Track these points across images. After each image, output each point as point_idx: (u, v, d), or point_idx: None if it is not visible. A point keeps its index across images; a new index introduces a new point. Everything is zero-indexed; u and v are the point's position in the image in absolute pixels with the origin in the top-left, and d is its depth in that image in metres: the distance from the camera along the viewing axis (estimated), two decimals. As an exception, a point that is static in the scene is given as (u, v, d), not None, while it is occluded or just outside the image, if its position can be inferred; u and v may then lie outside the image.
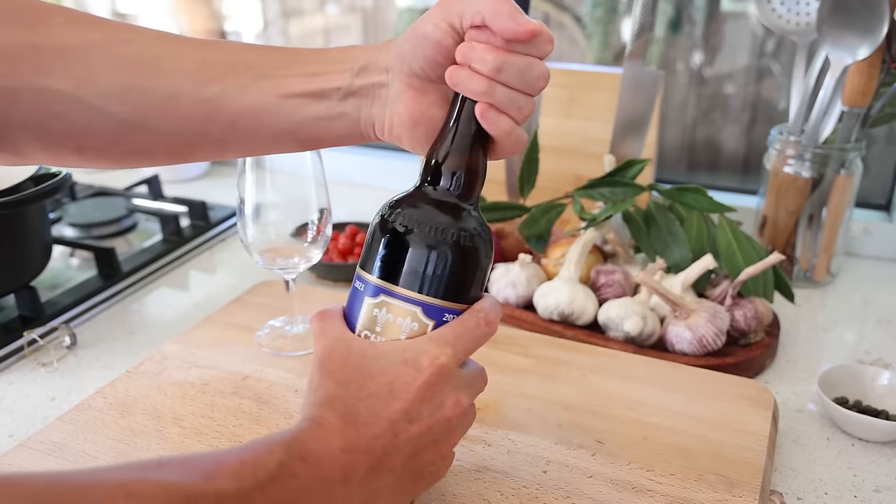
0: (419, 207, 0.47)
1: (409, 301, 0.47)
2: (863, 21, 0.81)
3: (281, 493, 0.39)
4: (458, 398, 0.46)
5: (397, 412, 0.44)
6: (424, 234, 0.46)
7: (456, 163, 0.47)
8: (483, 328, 0.47)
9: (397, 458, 0.44)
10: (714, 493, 0.55)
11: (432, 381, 0.45)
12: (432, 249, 0.46)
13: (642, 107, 0.92)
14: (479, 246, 0.48)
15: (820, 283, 0.97)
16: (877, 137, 1.10)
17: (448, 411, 0.45)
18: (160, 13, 1.57)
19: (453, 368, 0.46)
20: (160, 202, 1.15)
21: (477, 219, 0.48)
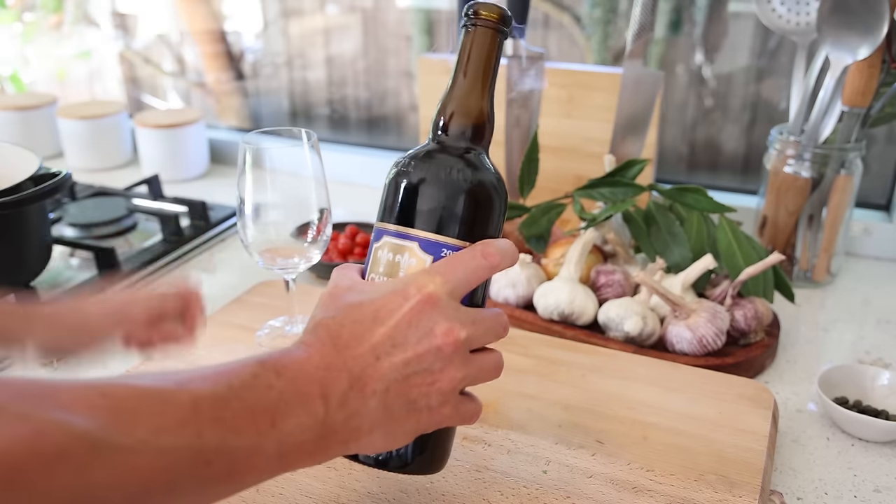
0: (422, 153, 0.49)
1: (405, 237, 0.47)
2: (863, 21, 0.81)
3: (258, 400, 0.40)
4: (451, 327, 0.44)
5: (380, 336, 0.44)
6: (418, 170, 0.48)
7: (460, 111, 0.49)
8: (479, 260, 0.46)
9: (380, 381, 0.43)
10: (714, 493, 0.55)
11: (419, 309, 0.44)
12: (423, 182, 0.47)
13: (642, 107, 0.92)
14: (475, 182, 0.48)
15: (820, 283, 0.97)
16: (877, 137, 1.10)
17: (438, 340, 0.44)
18: (160, 13, 1.57)
19: (443, 297, 0.45)
20: (160, 202, 1.15)
21: (479, 161, 0.49)
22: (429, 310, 0.44)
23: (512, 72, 0.96)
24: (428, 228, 0.47)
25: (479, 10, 0.49)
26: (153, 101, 1.64)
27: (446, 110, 0.50)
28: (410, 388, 0.44)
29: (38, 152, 0.87)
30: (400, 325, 0.44)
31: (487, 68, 0.50)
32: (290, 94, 1.50)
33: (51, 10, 1.65)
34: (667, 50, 1.19)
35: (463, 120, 0.49)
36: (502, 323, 0.48)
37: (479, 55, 0.49)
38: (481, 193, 0.48)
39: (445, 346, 0.44)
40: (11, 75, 1.69)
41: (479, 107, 0.50)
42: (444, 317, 0.44)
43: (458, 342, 0.45)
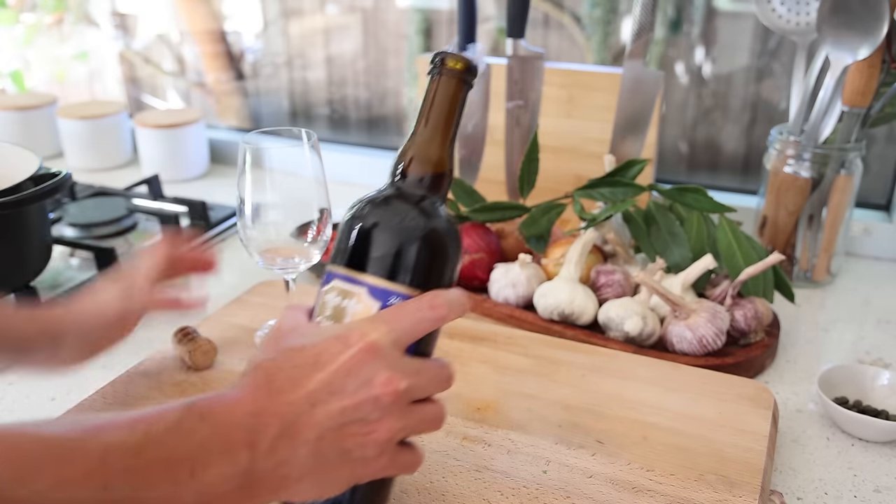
0: (378, 198, 0.49)
1: (354, 282, 0.46)
2: (863, 21, 0.81)
3: (177, 448, 0.39)
4: (391, 377, 0.43)
5: (317, 382, 0.42)
6: (371, 215, 0.47)
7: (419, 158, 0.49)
8: (426, 311, 0.45)
9: (313, 430, 0.42)
10: (714, 493, 0.55)
11: (359, 357, 0.43)
12: (375, 227, 0.47)
13: (642, 107, 0.92)
14: (428, 230, 0.47)
15: (820, 283, 0.97)
16: (877, 137, 1.10)
17: (377, 389, 0.42)
18: (160, 13, 1.57)
19: (386, 346, 0.43)
20: (160, 202, 1.15)
21: (434, 209, 0.48)
22: (370, 358, 0.43)
23: (512, 73, 0.96)
24: (377, 274, 0.46)
25: (445, 59, 0.49)
26: (153, 101, 1.64)
27: (405, 156, 0.49)
28: (345, 438, 0.43)
29: (38, 152, 0.87)
30: (339, 373, 0.42)
31: (450, 118, 0.49)
32: (290, 94, 1.50)
33: (51, 10, 1.65)
34: (667, 50, 1.19)
35: (421, 168, 0.49)
36: (447, 375, 0.47)
37: (442, 104, 0.49)
38: (434, 242, 0.47)
39: (384, 395, 0.43)
40: (13, 73, 1.69)
41: (439, 156, 0.49)
42: (385, 366, 0.43)
43: (398, 392, 0.43)
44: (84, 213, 1.11)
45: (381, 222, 0.47)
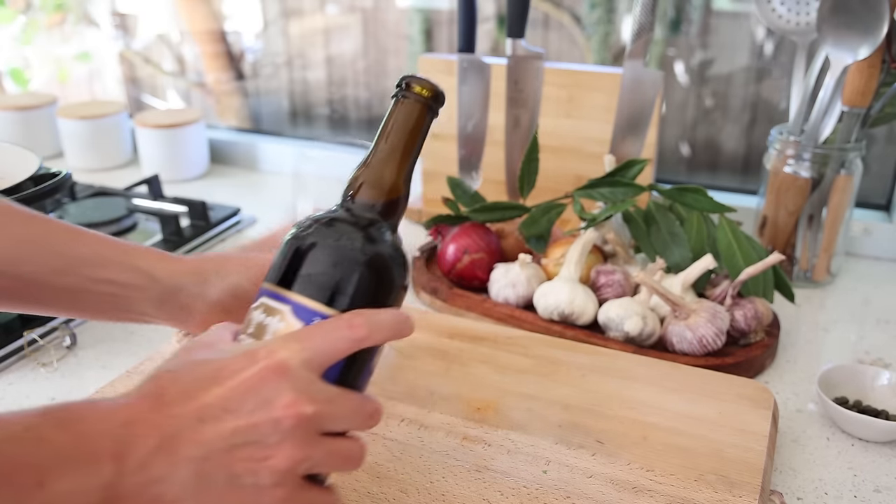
0: (324, 218, 0.46)
1: (281, 299, 0.44)
2: (863, 21, 0.81)
3: (22, 456, 0.35)
4: (296, 400, 0.39)
5: (212, 397, 0.39)
6: (311, 233, 0.45)
7: (371, 182, 0.47)
8: (343, 330, 0.41)
9: (198, 447, 0.38)
10: (714, 493, 0.55)
11: (263, 374, 0.39)
12: (311, 246, 0.44)
13: (642, 107, 0.92)
14: (367, 255, 0.44)
15: (820, 283, 0.97)
16: (877, 137, 1.10)
17: (278, 411, 0.39)
18: (160, 13, 1.57)
19: (295, 366, 0.40)
20: (160, 202, 1.15)
21: (379, 234, 0.46)
22: (275, 377, 0.39)
23: (512, 73, 0.96)
24: (304, 293, 0.43)
25: (411, 82, 0.48)
26: (153, 101, 1.64)
27: (357, 179, 0.47)
28: (236, 461, 0.38)
29: (38, 152, 0.87)
30: (238, 389, 0.39)
31: (409, 144, 0.48)
32: (290, 94, 1.50)
33: (51, 10, 1.65)
34: (667, 50, 1.19)
35: (372, 193, 0.47)
36: (369, 410, 0.42)
37: (404, 129, 0.48)
38: (368, 267, 0.44)
39: (285, 419, 0.39)
40: (12, 70, 1.69)
41: (392, 182, 0.47)
42: (291, 387, 0.39)
43: (302, 417, 0.39)
44: (84, 213, 1.11)
45: (317, 241, 0.44)
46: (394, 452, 0.59)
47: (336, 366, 0.42)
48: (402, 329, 0.44)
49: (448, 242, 0.89)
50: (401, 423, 0.63)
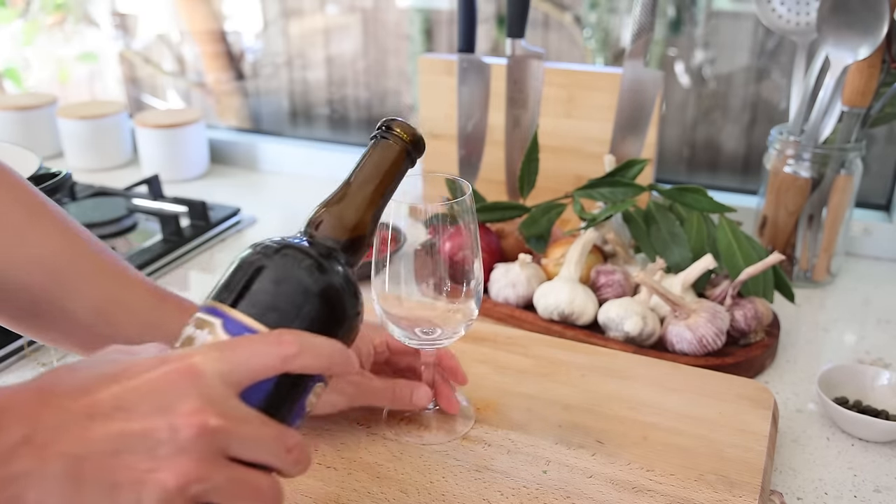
0: (281, 240, 0.44)
1: (215, 313, 0.41)
2: (863, 21, 0.81)
3: None
4: (201, 408, 0.35)
5: (108, 394, 0.34)
6: (262, 253, 0.43)
7: (336, 216, 0.46)
8: (270, 345, 0.37)
9: (77, 445, 0.33)
10: (714, 493, 0.55)
11: (171, 377, 0.35)
12: (254, 261, 0.42)
13: (642, 107, 0.92)
14: (315, 282, 0.42)
15: (820, 283, 0.97)
16: (877, 137, 1.10)
17: (178, 418, 0.34)
18: (160, 13, 1.57)
19: (209, 374, 0.36)
20: (160, 202, 1.15)
21: (331, 266, 0.43)
22: (183, 381, 0.35)
23: (512, 73, 0.96)
24: (239, 308, 0.41)
25: (392, 125, 0.47)
26: (153, 101, 1.64)
27: (322, 212, 0.46)
28: (118, 469, 0.33)
29: (38, 152, 0.87)
30: (138, 389, 0.35)
31: (381, 186, 0.47)
32: (290, 94, 1.50)
33: (51, 10, 1.65)
34: (667, 50, 1.19)
35: (336, 228, 0.46)
36: (287, 444, 0.37)
37: (378, 170, 0.47)
38: (316, 294, 0.42)
39: (185, 427, 0.34)
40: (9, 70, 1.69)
41: (357, 221, 0.46)
42: (198, 394, 0.35)
43: (205, 429, 0.34)
44: (84, 213, 1.11)
45: (265, 261, 0.42)
46: (394, 452, 0.59)
47: (259, 388, 0.38)
48: (340, 362, 0.39)
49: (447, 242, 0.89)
50: (400, 423, 0.63)
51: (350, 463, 0.58)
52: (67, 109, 1.39)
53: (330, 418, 0.63)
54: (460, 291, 0.57)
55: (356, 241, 0.46)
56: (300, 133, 1.51)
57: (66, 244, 0.52)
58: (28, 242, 0.51)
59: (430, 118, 1.15)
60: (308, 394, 0.41)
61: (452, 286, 0.57)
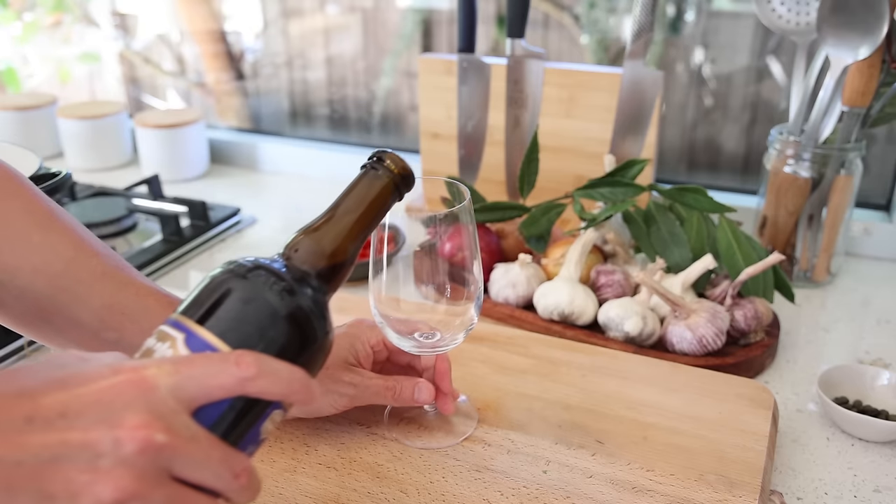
0: (256, 259, 0.43)
1: (178, 327, 0.40)
2: (863, 21, 0.81)
3: None
4: (148, 422, 0.33)
5: (53, 400, 0.33)
6: (230, 269, 0.42)
7: (314, 242, 0.45)
8: (228, 365, 0.36)
9: (15, 450, 0.32)
10: (714, 493, 0.55)
11: (120, 388, 0.34)
12: (225, 280, 0.41)
13: (642, 107, 0.92)
14: (279, 296, 0.41)
15: (820, 283, 0.97)
16: (877, 137, 1.10)
17: (122, 431, 0.33)
18: (160, 13, 1.57)
19: (161, 388, 0.34)
20: (160, 202, 1.15)
21: (301, 291, 0.42)
22: (133, 393, 0.34)
23: (512, 73, 0.96)
24: (204, 324, 0.39)
25: (383, 156, 0.46)
26: (153, 101, 1.64)
27: (303, 237, 0.45)
28: (54, 478, 0.32)
29: (38, 152, 0.87)
30: (85, 397, 0.33)
31: (365, 217, 0.46)
32: (290, 94, 1.50)
33: (51, 9, 1.65)
34: (667, 50, 1.19)
35: (315, 254, 0.44)
36: (235, 468, 0.36)
37: (363, 201, 0.46)
38: (283, 317, 0.40)
39: (129, 440, 0.32)
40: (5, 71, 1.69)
41: (334, 249, 0.45)
42: (146, 407, 0.34)
43: (149, 444, 0.33)
44: (84, 213, 1.11)
45: (237, 279, 0.41)
46: (394, 452, 0.59)
47: (213, 409, 0.37)
48: (299, 390, 0.38)
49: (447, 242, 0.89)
50: (400, 423, 0.63)
51: (350, 463, 0.58)
52: (67, 109, 1.39)
53: (330, 418, 0.63)
54: (461, 294, 0.57)
55: (333, 269, 0.45)
56: (300, 133, 1.51)
57: (72, 252, 0.52)
58: (34, 250, 0.51)
59: (430, 118, 1.15)
60: (264, 420, 0.39)
61: (452, 288, 0.57)
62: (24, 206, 0.52)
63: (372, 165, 0.47)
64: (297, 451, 0.60)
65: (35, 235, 0.51)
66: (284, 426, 0.62)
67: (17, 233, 0.51)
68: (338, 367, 0.59)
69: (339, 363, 0.59)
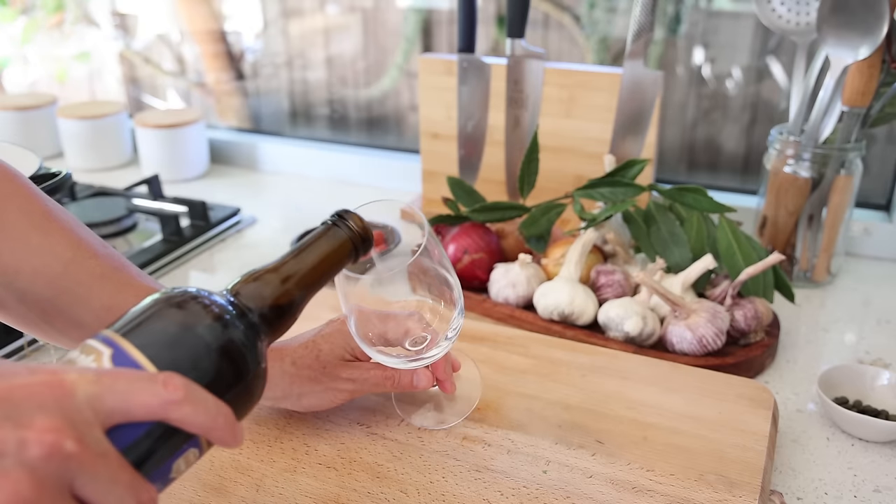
0: (205, 291, 0.43)
1: (107, 341, 0.38)
2: (863, 21, 0.81)
3: None
4: (59, 427, 0.31)
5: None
6: (172, 294, 0.41)
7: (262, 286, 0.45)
8: (157, 385, 0.34)
9: None
10: (714, 493, 0.55)
11: (35, 389, 0.32)
12: (165, 300, 0.40)
13: (642, 107, 0.92)
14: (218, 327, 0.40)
15: (820, 283, 0.97)
16: (877, 137, 1.10)
17: (30, 432, 0.30)
18: (160, 13, 1.57)
19: (80, 396, 0.33)
20: (160, 202, 1.15)
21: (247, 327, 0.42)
22: (48, 395, 0.32)
23: (512, 73, 0.96)
24: (134, 343, 0.38)
25: (347, 216, 0.47)
26: (153, 101, 1.64)
27: (250, 276, 0.44)
28: None
29: (38, 152, 0.87)
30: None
31: (317, 271, 0.45)
32: (290, 94, 1.50)
33: (51, 9, 1.65)
34: (667, 50, 1.19)
35: (260, 297, 0.44)
36: (139, 499, 0.33)
37: (318, 255, 0.46)
38: (217, 349, 0.39)
39: (34, 443, 0.30)
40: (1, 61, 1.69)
41: (280, 295, 0.44)
42: (60, 413, 0.31)
43: (56, 451, 0.31)
44: (84, 213, 1.11)
45: (175, 303, 0.40)
46: (394, 452, 0.59)
47: (129, 431, 0.35)
48: (223, 426, 0.36)
49: (448, 242, 0.90)
50: (400, 423, 0.63)
51: (350, 463, 0.58)
52: (67, 109, 1.39)
53: (330, 418, 0.63)
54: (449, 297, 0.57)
55: (277, 314, 0.44)
56: (300, 133, 1.51)
57: (70, 253, 0.52)
58: (34, 252, 0.51)
59: (430, 118, 1.15)
60: (178, 456, 0.37)
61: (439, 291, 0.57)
62: (23, 206, 0.52)
63: (334, 222, 0.47)
64: (297, 451, 0.60)
65: (34, 237, 0.51)
66: (284, 426, 0.62)
67: (16, 235, 0.51)
68: (335, 364, 0.60)
69: (336, 361, 0.60)
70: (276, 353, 0.59)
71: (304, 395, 0.60)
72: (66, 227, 0.53)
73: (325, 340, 0.60)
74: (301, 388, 0.59)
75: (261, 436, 0.61)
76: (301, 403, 0.61)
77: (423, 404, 0.65)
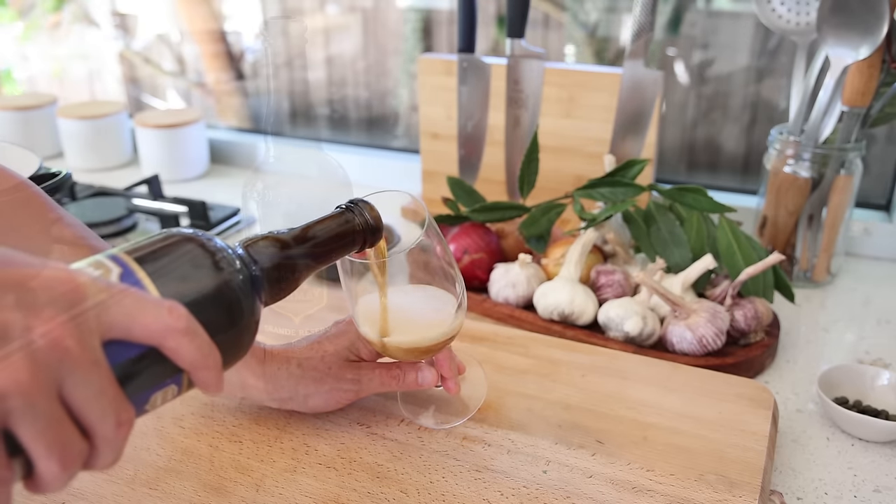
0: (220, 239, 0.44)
1: (117, 260, 0.38)
2: (863, 21, 0.81)
3: None
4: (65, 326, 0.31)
5: None
6: (190, 231, 0.43)
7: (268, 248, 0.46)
8: (162, 310, 0.35)
9: None
10: (714, 493, 0.55)
11: (49, 282, 0.32)
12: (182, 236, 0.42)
13: (642, 107, 0.92)
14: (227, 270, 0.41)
15: (820, 283, 0.97)
16: (877, 137, 1.10)
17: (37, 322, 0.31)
18: (160, 13, 1.57)
19: (88, 302, 0.33)
20: (160, 202, 1.15)
21: (250, 278, 0.43)
22: (59, 290, 0.32)
23: (512, 73, 0.96)
24: (143, 266, 0.38)
25: (361, 203, 0.49)
26: (153, 101, 1.64)
27: (264, 236, 0.46)
28: None
29: (38, 152, 0.87)
30: (9, 276, 0.31)
31: (325, 247, 0.48)
32: (290, 94, 1.50)
33: (50, 9, 1.65)
34: (667, 50, 1.19)
35: (267, 253, 0.45)
36: (119, 418, 0.33)
37: (328, 234, 0.48)
38: (222, 289, 0.41)
39: (40, 333, 0.31)
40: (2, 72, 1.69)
41: (287, 255, 0.46)
42: (69, 311, 0.32)
43: (59, 345, 0.31)
44: (84, 213, 1.11)
45: (190, 238, 0.41)
46: (394, 452, 0.59)
47: (122, 350, 0.35)
48: (211, 367, 0.36)
49: (448, 242, 0.90)
50: (401, 423, 0.63)
51: (350, 463, 0.58)
52: (67, 109, 1.39)
53: (330, 418, 0.63)
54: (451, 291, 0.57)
55: (279, 276, 0.46)
56: (300, 133, 1.51)
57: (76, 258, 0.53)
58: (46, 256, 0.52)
59: (430, 118, 1.15)
60: (159, 388, 0.38)
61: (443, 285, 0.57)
62: (31, 213, 0.53)
63: (350, 210, 0.49)
64: (297, 451, 0.60)
65: (45, 245, 0.52)
66: (284, 426, 0.62)
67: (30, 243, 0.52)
68: (340, 365, 0.60)
69: (341, 362, 0.60)
70: (283, 356, 0.60)
71: (309, 396, 0.60)
72: (76, 234, 0.54)
73: (330, 342, 0.61)
74: (307, 389, 0.60)
75: (261, 436, 0.61)
76: (307, 405, 0.61)
77: (427, 405, 0.65)
